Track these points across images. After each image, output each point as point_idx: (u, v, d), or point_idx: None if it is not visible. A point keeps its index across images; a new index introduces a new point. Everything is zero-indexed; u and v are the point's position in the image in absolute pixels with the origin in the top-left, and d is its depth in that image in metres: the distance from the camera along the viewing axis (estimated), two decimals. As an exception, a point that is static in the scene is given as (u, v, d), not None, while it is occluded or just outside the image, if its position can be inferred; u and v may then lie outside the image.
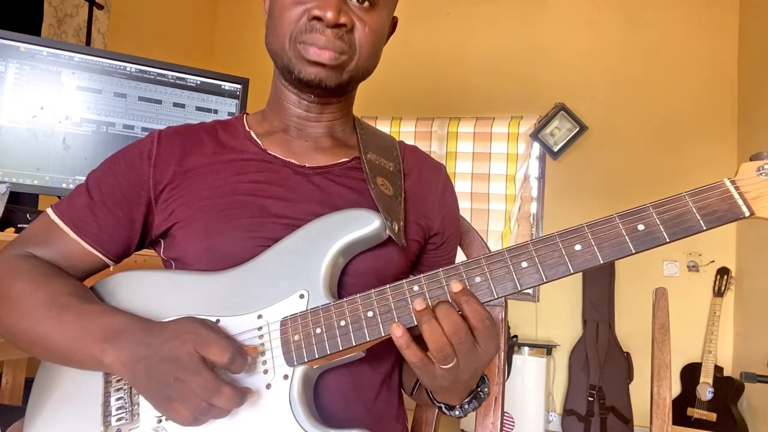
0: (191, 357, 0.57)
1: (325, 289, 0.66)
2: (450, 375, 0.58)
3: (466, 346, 0.56)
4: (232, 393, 0.58)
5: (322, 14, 0.70)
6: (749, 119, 3.08)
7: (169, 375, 0.58)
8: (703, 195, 0.56)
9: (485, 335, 0.57)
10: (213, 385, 0.57)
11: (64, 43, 1.45)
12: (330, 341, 0.62)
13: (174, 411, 0.59)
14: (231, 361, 0.58)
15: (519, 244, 0.59)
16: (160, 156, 0.77)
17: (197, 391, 0.57)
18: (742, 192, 0.56)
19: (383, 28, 0.78)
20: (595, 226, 0.58)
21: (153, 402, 0.61)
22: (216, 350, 0.58)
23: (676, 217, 0.56)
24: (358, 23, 0.73)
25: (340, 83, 0.75)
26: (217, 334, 0.60)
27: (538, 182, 3.56)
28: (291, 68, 0.75)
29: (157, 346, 0.60)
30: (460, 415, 0.69)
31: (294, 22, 0.73)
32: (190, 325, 0.61)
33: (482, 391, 0.68)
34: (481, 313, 0.56)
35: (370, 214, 0.69)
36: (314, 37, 0.72)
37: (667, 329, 0.99)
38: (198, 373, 0.57)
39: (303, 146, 0.80)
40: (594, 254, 0.57)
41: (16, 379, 1.85)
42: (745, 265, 3.07)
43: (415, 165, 0.85)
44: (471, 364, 0.58)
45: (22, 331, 0.68)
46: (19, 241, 0.75)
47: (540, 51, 3.59)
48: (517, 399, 3.07)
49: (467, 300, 0.56)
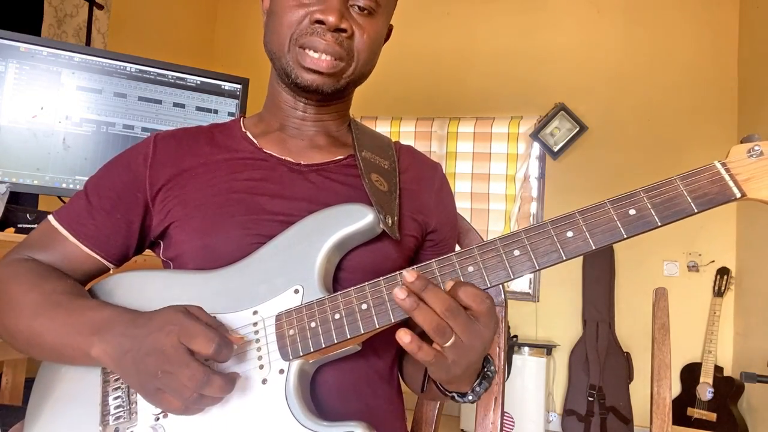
0: (176, 349, 0.58)
1: (320, 284, 0.67)
2: (459, 357, 0.57)
3: (461, 320, 0.55)
4: (222, 382, 0.58)
5: (324, 18, 0.71)
6: (749, 119, 3.08)
7: (156, 368, 0.58)
8: (693, 178, 0.57)
9: (485, 315, 0.56)
10: (202, 376, 0.57)
11: (64, 43, 1.45)
12: (325, 334, 0.63)
13: (165, 402, 0.60)
14: (216, 352, 0.58)
15: (511, 233, 0.59)
16: (156, 158, 0.78)
17: (186, 383, 0.57)
18: (733, 174, 0.56)
19: (381, 36, 0.79)
20: (586, 212, 0.58)
21: (143, 394, 0.62)
22: (201, 341, 0.58)
23: (667, 201, 0.57)
24: (357, 30, 0.75)
25: (337, 89, 0.77)
26: (201, 324, 0.60)
27: (538, 182, 3.57)
28: (288, 72, 0.76)
29: (141, 339, 0.60)
30: (474, 399, 0.68)
31: (295, 24, 0.74)
32: (173, 315, 0.61)
33: (489, 370, 0.68)
34: (478, 295, 0.55)
35: (363, 208, 0.69)
36: (314, 40, 0.73)
37: (667, 329, 0.99)
38: (186, 365, 0.57)
39: (299, 144, 0.81)
40: (586, 240, 0.57)
41: (16, 379, 1.85)
42: (745, 265, 3.07)
43: (411, 163, 0.86)
44: (475, 339, 0.57)
45: (19, 330, 0.69)
46: (22, 246, 0.77)
47: (540, 51, 3.59)
48: (517, 399, 3.07)
49: (463, 289, 0.56)
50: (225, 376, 0.59)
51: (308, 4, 0.73)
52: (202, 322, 0.61)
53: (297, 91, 0.79)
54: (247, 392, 0.64)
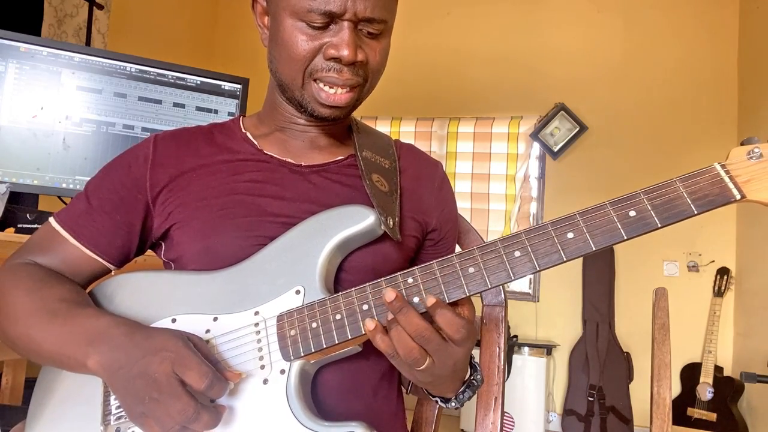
0: (169, 379, 0.57)
1: (321, 285, 0.67)
2: (426, 373, 0.59)
3: (434, 345, 0.57)
4: (209, 418, 0.58)
5: (340, 54, 0.68)
6: (749, 119, 3.08)
7: (145, 393, 0.58)
8: (693, 180, 0.57)
9: (458, 342, 0.57)
10: (192, 412, 0.57)
11: (64, 43, 1.45)
12: (326, 335, 0.63)
13: (147, 426, 0.60)
14: (208, 388, 0.58)
15: (512, 234, 0.60)
16: (156, 159, 0.77)
17: (174, 415, 0.57)
18: (733, 176, 0.56)
19: (389, 50, 0.77)
20: (586, 213, 0.58)
21: (127, 413, 0.62)
22: (194, 375, 0.58)
23: (667, 202, 0.57)
24: (370, 55, 0.72)
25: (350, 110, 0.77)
26: (197, 357, 0.59)
27: (538, 182, 3.56)
28: (304, 106, 0.74)
29: (135, 359, 0.60)
30: (457, 406, 0.70)
31: (308, 60, 0.70)
32: (171, 341, 0.61)
33: (475, 379, 0.69)
34: (455, 322, 0.56)
35: (364, 210, 0.69)
36: (331, 77, 0.71)
37: (667, 329, 0.99)
38: (177, 398, 0.57)
39: (299, 145, 0.81)
40: (586, 241, 0.57)
41: (16, 379, 1.85)
42: (745, 265, 3.07)
43: (412, 162, 0.86)
44: (448, 359, 0.58)
45: (17, 336, 0.69)
46: (23, 249, 0.77)
47: (540, 51, 3.59)
48: (517, 399, 3.07)
49: (441, 312, 0.56)
50: (212, 412, 0.59)
51: (319, 37, 0.69)
52: (198, 354, 0.60)
53: (307, 116, 0.77)
54: (249, 392, 0.64)
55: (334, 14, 0.67)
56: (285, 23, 0.70)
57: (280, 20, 0.71)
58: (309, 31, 0.69)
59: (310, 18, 0.68)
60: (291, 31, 0.70)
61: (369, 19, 0.69)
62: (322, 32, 0.69)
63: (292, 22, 0.70)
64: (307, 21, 0.68)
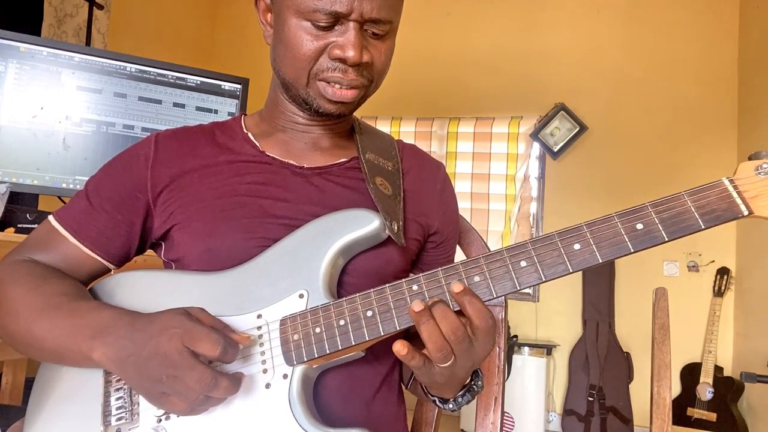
0: (181, 353, 0.58)
1: (324, 289, 0.66)
2: (447, 372, 0.59)
3: (463, 345, 0.57)
4: (228, 383, 0.59)
5: (345, 55, 0.68)
6: (749, 119, 3.08)
7: (161, 372, 0.58)
8: (701, 194, 0.57)
9: (485, 333, 0.57)
10: (209, 379, 0.57)
11: (64, 43, 1.45)
12: (329, 341, 0.62)
13: (170, 404, 0.60)
14: (222, 354, 0.58)
15: (518, 244, 0.59)
16: (157, 159, 0.77)
17: (193, 386, 0.57)
18: (741, 191, 0.56)
19: (393, 50, 0.77)
20: (593, 225, 0.58)
21: (146, 397, 0.62)
22: (206, 344, 0.58)
23: (675, 216, 0.56)
24: (375, 56, 0.72)
25: (355, 107, 0.77)
26: (204, 327, 0.60)
27: (538, 182, 3.56)
28: (309, 103, 0.74)
29: (143, 343, 0.60)
30: (454, 409, 0.70)
31: (313, 60, 0.70)
32: (175, 318, 0.61)
33: (476, 384, 0.69)
34: (484, 312, 0.56)
35: (369, 214, 0.69)
36: (337, 77, 0.70)
37: (667, 329, 0.98)
38: (192, 369, 0.57)
39: (301, 147, 0.80)
40: (593, 253, 0.57)
41: (16, 379, 1.85)
42: (745, 265, 3.07)
43: (414, 164, 0.85)
44: (467, 361, 0.59)
45: (18, 333, 0.69)
46: (22, 247, 0.77)
47: (540, 51, 3.59)
48: (517, 399, 3.07)
49: (470, 300, 0.56)
50: (231, 377, 0.60)
51: (324, 36, 0.69)
52: (204, 324, 0.60)
53: (311, 113, 0.77)
54: (251, 396, 0.64)
55: (340, 14, 0.67)
56: (289, 22, 0.70)
57: (284, 19, 0.70)
58: (314, 30, 0.69)
59: (316, 18, 0.67)
60: (295, 31, 0.69)
61: (375, 20, 0.68)
62: (327, 32, 0.69)
63: (296, 21, 0.69)
64: (312, 20, 0.68)
